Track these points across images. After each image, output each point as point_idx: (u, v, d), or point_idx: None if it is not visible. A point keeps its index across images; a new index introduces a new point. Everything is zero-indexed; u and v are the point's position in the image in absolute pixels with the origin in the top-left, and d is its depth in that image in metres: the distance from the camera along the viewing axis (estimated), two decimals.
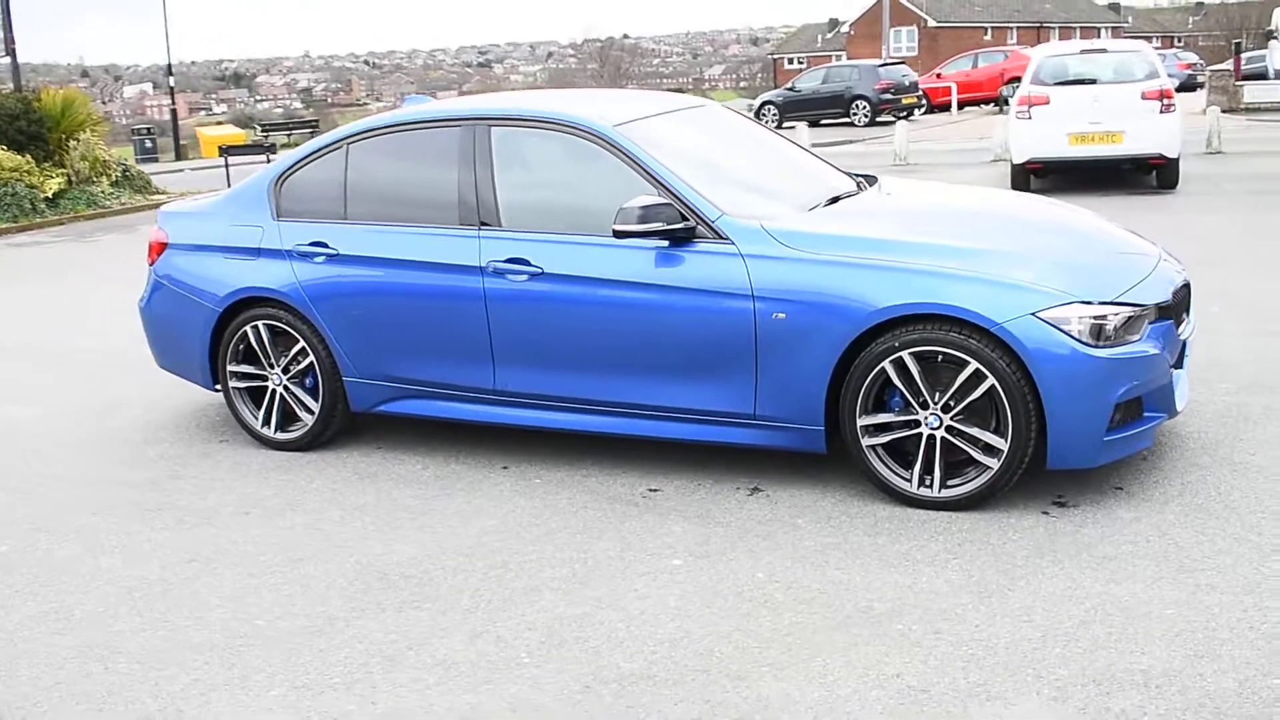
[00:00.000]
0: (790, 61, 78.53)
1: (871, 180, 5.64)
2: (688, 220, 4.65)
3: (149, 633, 3.89)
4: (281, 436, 5.64)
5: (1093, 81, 12.88)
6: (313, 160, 5.56)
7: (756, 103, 31.46)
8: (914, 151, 19.22)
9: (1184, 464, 4.79)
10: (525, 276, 4.92)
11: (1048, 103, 12.72)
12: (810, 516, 4.49)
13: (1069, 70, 13.05)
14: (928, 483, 4.44)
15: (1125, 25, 75.90)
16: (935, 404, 4.37)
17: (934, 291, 4.30)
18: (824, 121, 29.05)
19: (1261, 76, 28.39)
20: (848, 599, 3.80)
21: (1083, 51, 13.27)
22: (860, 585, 3.89)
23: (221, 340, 5.66)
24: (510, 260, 4.94)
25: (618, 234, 4.66)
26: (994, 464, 4.33)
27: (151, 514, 4.98)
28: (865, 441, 4.48)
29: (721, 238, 4.64)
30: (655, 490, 4.86)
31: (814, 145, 18.53)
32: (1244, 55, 30.56)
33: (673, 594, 3.93)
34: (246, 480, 5.31)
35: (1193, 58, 42.60)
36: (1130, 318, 4.32)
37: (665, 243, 4.71)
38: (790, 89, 31.13)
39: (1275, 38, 30.10)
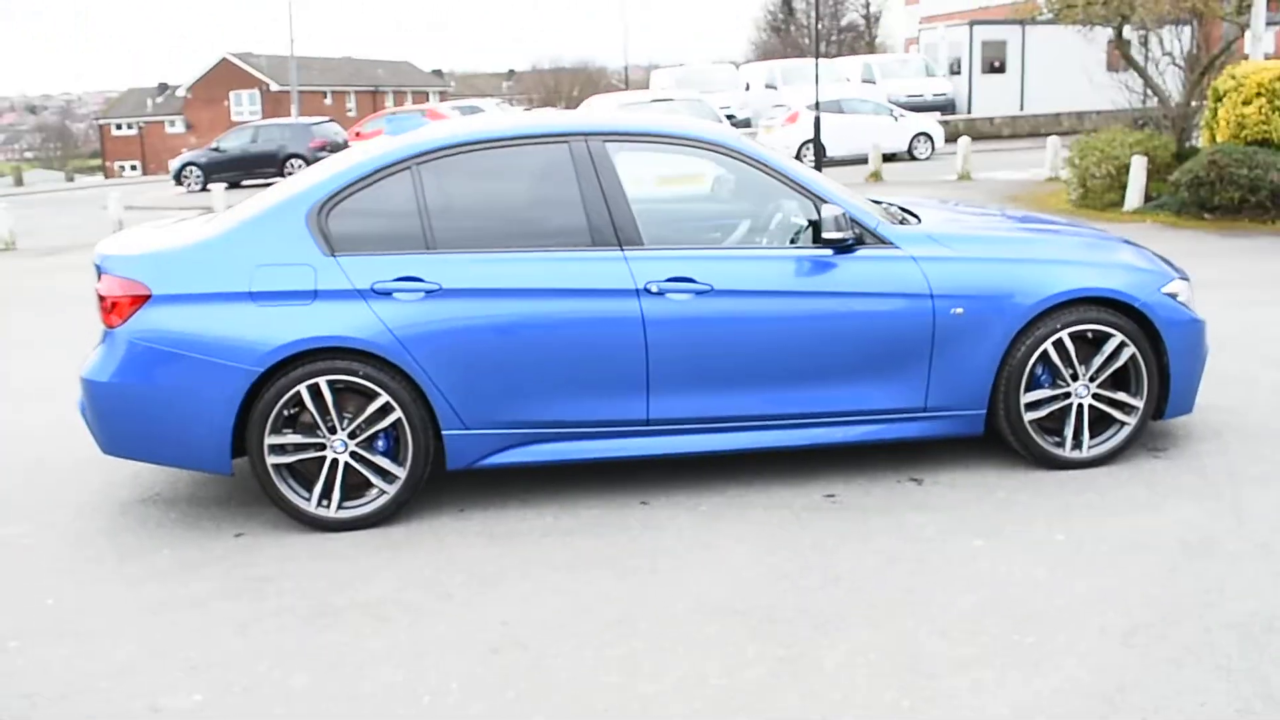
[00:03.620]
0: (119, 127, 73.73)
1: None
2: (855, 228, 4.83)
3: None
4: (345, 514, 4.71)
5: None
6: (367, 185, 4.75)
7: (176, 164, 29.39)
8: None
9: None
10: (689, 295, 4.71)
11: None
12: (1005, 490, 4.88)
13: None
14: (1080, 446, 5.06)
15: (450, 89, 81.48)
16: (1084, 376, 5.01)
17: (1088, 278, 4.95)
18: (250, 182, 27.95)
19: None
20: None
21: (654, 100, 14.63)
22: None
23: (254, 409, 4.59)
24: (672, 279, 4.70)
25: (828, 242, 4.72)
26: (1132, 420, 5.07)
27: (303, 626, 3.98)
28: (1028, 417, 4.99)
29: (885, 243, 4.88)
30: (832, 495, 4.92)
31: None
32: None
33: (1042, 564, 4.15)
34: (366, 575, 4.41)
35: None
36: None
37: (829, 251, 4.84)
38: (215, 149, 29.50)
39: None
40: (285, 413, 4.63)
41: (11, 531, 4.94)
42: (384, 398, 4.62)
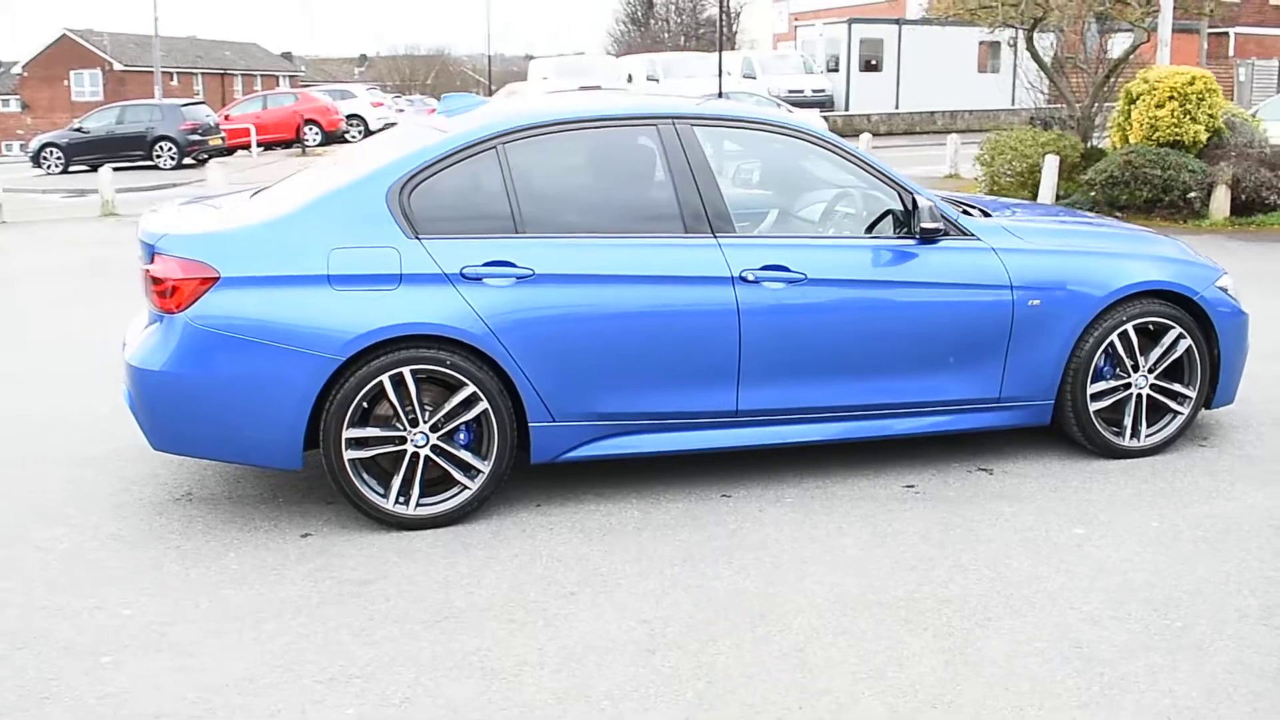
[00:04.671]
0: None
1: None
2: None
3: None
4: (424, 511, 4.47)
5: None
6: (449, 164, 4.50)
7: (35, 145, 27.70)
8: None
9: None
10: (782, 284, 4.63)
11: None
12: (1077, 479, 4.95)
13: None
14: (1138, 435, 5.17)
15: (301, 73, 79.05)
16: (1143, 367, 5.12)
17: (1151, 271, 5.06)
18: (117, 166, 26.54)
19: None
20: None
21: (581, 88, 14.42)
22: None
23: (330, 400, 4.31)
24: (767, 267, 4.61)
25: (924, 233, 4.69)
26: (1185, 410, 5.21)
27: (429, 631, 3.76)
28: (1092, 408, 5.08)
29: (966, 234, 4.89)
30: (911, 486, 4.91)
31: (120, 191, 17.39)
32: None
33: (1151, 550, 4.22)
34: (473, 576, 4.18)
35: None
36: None
37: (912, 241, 4.83)
38: (77, 129, 27.91)
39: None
40: (363, 405, 4.36)
41: (45, 535, 4.53)
42: (470, 388, 4.40)
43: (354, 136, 33.01)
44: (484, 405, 4.42)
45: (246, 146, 29.59)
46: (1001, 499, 4.74)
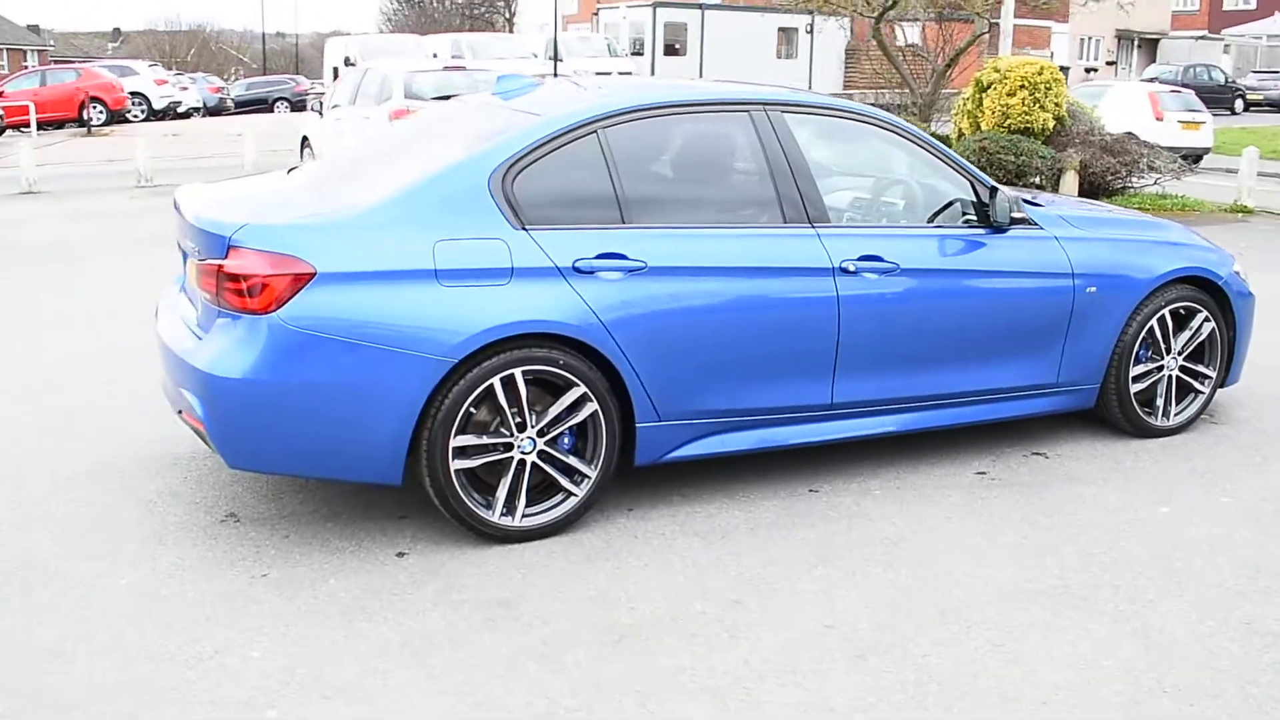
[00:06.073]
0: None
1: None
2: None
3: None
4: (530, 522, 4.19)
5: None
6: (551, 149, 4.20)
7: None
8: (45, 176, 16.43)
9: None
10: (876, 274, 4.57)
11: None
12: (1129, 460, 5.12)
13: (440, 86, 13.61)
14: (1168, 415, 5.40)
15: (50, 47, 73.35)
16: (1174, 349, 5.35)
17: (1185, 258, 5.29)
18: None
19: None
20: None
21: (445, 69, 13.91)
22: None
23: (438, 406, 3.97)
24: (864, 258, 4.54)
25: (1014, 221, 4.73)
26: (1206, 390, 5.48)
27: (613, 652, 3.53)
28: (1135, 389, 5.27)
29: (1030, 223, 4.97)
30: (983, 473, 4.96)
31: None
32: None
33: (1245, 527, 4.41)
34: (616, 588, 3.94)
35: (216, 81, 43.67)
36: None
37: (983, 230, 4.87)
38: None
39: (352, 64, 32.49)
40: (470, 411, 4.03)
41: (90, 570, 3.98)
42: (580, 389, 4.14)
43: (135, 116, 30.82)
44: (594, 406, 4.17)
45: (25, 125, 27.08)
46: (1074, 482, 4.86)
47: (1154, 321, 5.23)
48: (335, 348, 3.85)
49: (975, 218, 4.87)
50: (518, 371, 4.04)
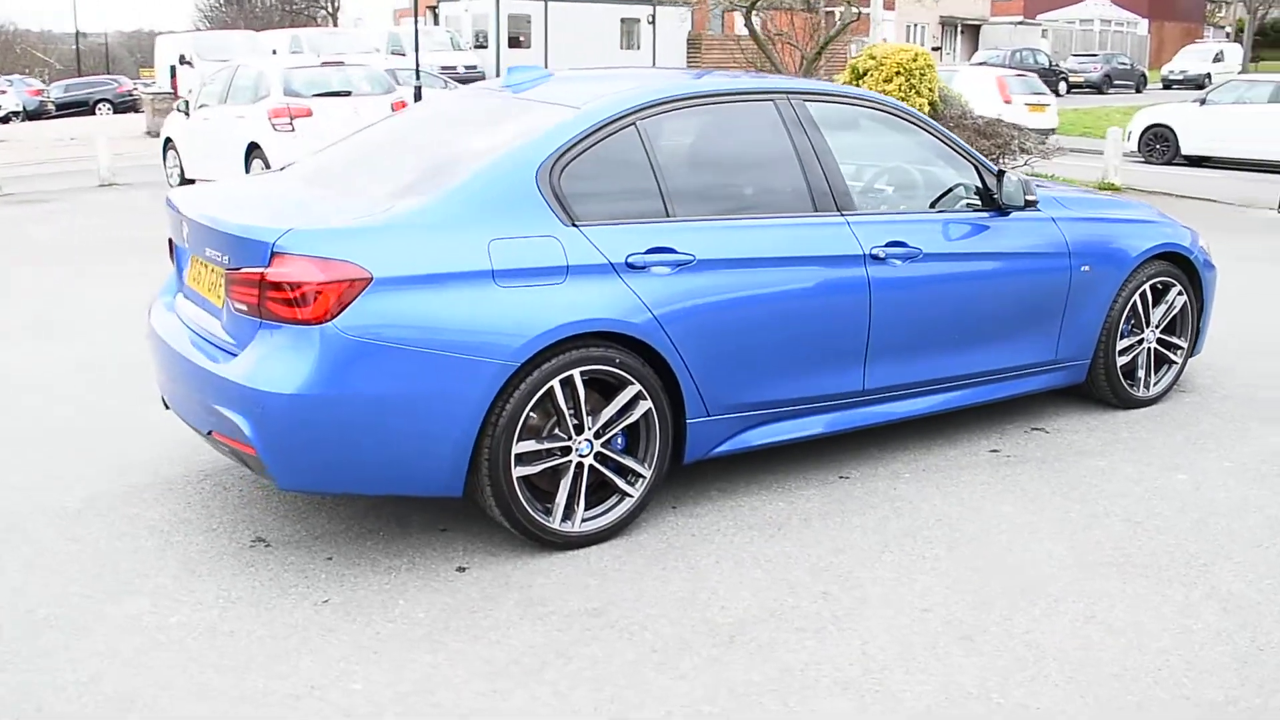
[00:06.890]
0: None
1: None
2: None
3: None
4: (589, 526, 4.08)
5: (348, 94, 13.18)
6: (592, 142, 4.08)
7: None
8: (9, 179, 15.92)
9: None
10: (902, 260, 4.61)
11: (310, 115, 12.68)
12: (1124, 429, 5.32)
13: (318, 83, 13.11)
14: (1149, 386, 5.63)
15: None
16: (1153, 323, 5.58)
17: (1162, 235, 5.52)
18: None
19: None
20: None
21: (323, 64, 13.41)
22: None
23: (499, 411, 3.82)
24: (890, 244, 4.57)
25: (1028, 204, 4.84)
26: (1179, 360, 5.74)
27: (718, 664, 3.47)
28: (1120, 363, 5.47)
29: (1031, 204, 5.10)
30: (996, 450, 5.07)
31: None
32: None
33: (1266, 491, 4.63)
34: (696, 593, 3.86)
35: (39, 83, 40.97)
36: None
37: (987, 213, 4.97)
38: None
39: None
40: (530, 415, 3.89)
41: (130, 609, 3.68)
42: (635, 387, 4.04)
43: None
44: (648, 405, 4.08)
45: None
46: (1085, 455, 5.01)
47: (1136, 297, 5.44)
48: (395, 356, 3.65)
49: (980, 201, 4.97)
50: (576, 372, 3.92)
